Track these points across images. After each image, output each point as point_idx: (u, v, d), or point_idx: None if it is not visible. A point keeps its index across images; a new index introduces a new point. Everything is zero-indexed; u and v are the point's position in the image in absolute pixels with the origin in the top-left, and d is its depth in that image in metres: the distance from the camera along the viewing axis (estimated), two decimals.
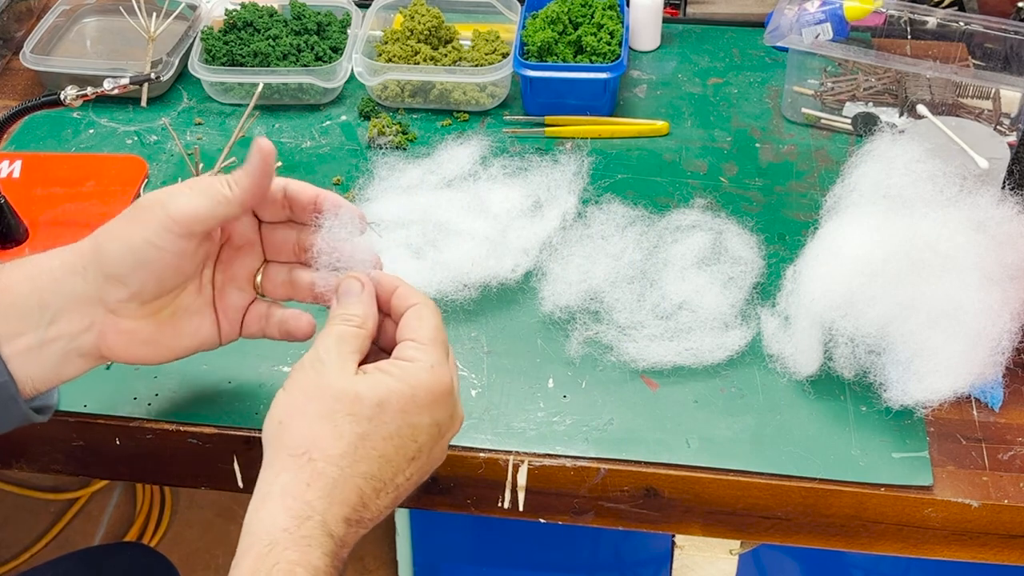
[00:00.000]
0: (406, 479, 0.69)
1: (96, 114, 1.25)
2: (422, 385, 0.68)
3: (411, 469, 0.69)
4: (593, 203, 1.09)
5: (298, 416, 0.67)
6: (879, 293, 0.87)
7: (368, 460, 0.67)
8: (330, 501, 0.65)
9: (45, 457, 0.95)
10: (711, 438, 0.88)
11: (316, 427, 0.66)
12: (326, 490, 0.65)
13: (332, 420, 0.66)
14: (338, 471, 0.66)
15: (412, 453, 0.69)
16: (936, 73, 1.15)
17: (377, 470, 0.67)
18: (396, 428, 0.67)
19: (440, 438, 0.71)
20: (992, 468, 0.86)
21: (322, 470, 0.66)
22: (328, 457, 0.66)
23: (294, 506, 0.65)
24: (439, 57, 1.25)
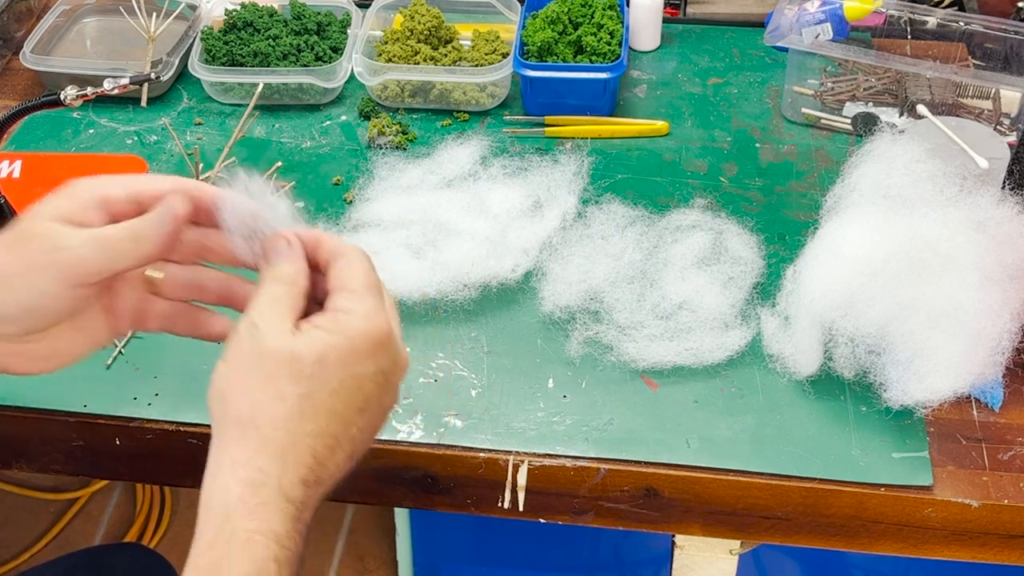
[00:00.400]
0: (359, 431, 0.68)
1: (96, 114, 1.25)
2: (359, 334, 0.66)
3: (362, 421, 0.68)
4: (593, 203, 1.09)
5: (239, 385, 0.65)
6: (879, 293, 0.87)
7: (316, 418, 0.65)
8: (283, 465, 0.64)
9: (45, 457, 0.95)
10: (711, 438, 0.88)
11: (258, 394, 0.65)
12: (276, 454, 0.64)
13: (273, 384, 0.65)
14: (286, 434, 0.64)
15: (360, 404, 0.67)
16: (936, 73, 1.15)
17: (327, 426, 0.66)
18: (340, 382, 0.66)
19: (387, 384, 0.69)
20: (992, 468, 0.86)
21: (269, 435, 0.64)
22: (274, 421, 0.64)
23: (246, 474, 0.63)
24: (439, 57, 1.25)
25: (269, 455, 0.64)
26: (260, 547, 0.61)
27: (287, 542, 0.62)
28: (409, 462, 0.89)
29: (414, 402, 0.91)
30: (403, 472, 0.90)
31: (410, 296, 0.98)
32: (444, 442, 0.89)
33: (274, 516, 0.62)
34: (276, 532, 0.62)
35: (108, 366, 0.95)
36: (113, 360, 0.95)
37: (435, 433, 0.89)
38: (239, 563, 0.61)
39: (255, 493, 0.63)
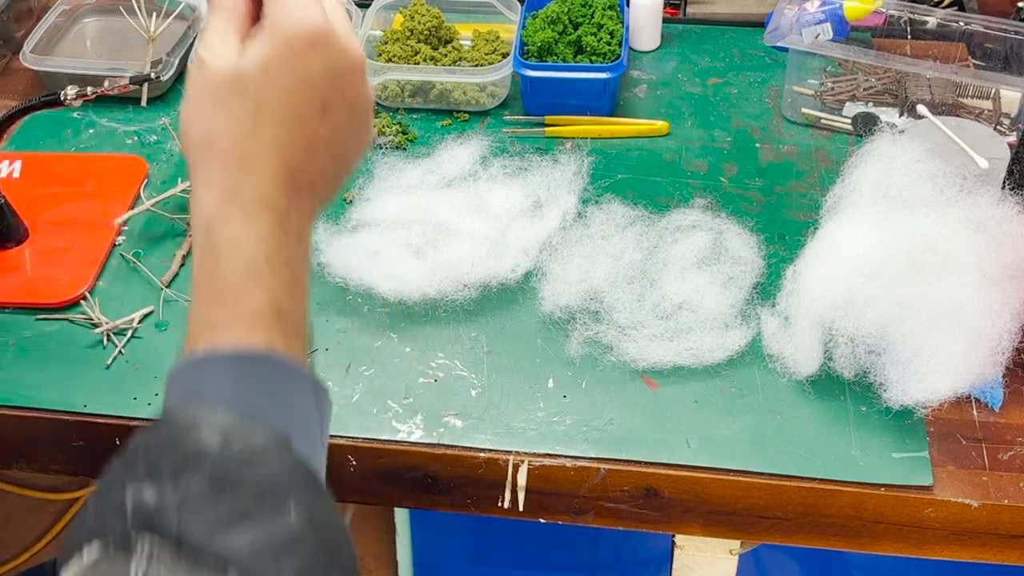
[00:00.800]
0: (332, 134, 0.68)
1: (96, 114, 1.25)
2: (294, 36, 0.66)
3: (330, 121, 0.68)
4: (593, 203, 1.09)
5: (196, 117, 0.67)
6: (879, 293, 0.87)
7: (274, 125, 0.66)
8: (250, 174, 0.65)
9: (45, 457, 0.95)
10: (711, 438, 0.88)
11: (213, 119, 0.66)
12: (241, 167, 0.65)
13: (224, 106, 0.66)
14: (246, 147, 0.65)
15: (318, 103, 0.67)
16: (936, 73, 1.15)
17: (289, 131, 0.66)
18: (286, 85, 0.66)
19: (342, 78, 0.68)
20: (992, 468, 0.86)
21: (230, 151, 0.65)
22: (232, 139, 0.65)
23: (219, 190, 0.64)
24: (439, 57, 1.25)
25: (235, 169, 0.65)
26: (244, 248, 0.62)
27: (273, 242, 0.63)
28: (409, 462, 0.89)
29: (414, 402, 0.92)
30: (403, 472, 0.90)
31: (410, 296, 0.98)
32: (444, 442, 0.89)
33: (252, 219, 0.63)
34: (260, 234, 0.63)
35: (108, 366, 0.95)
36: (113, 360, 0.95)
37: (435, 433, 0.89)
38: (228, 264, 0.62)
39: (228, 202, 0.64)
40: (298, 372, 0.63)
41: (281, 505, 0.55)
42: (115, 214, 1.08)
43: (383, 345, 0.96)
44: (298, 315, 0.65)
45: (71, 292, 1.01)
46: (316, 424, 0.64)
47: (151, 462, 0.56)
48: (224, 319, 0.62)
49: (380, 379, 0.94)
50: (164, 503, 0.54)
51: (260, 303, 0.62)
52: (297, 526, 0.55)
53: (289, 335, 0.63)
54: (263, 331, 0.62)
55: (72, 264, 1.04)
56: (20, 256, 1.05)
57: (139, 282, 1.03)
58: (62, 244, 1.06)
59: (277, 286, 0.63)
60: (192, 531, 0.53)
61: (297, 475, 0.57)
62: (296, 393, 0.62)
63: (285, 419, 0.61)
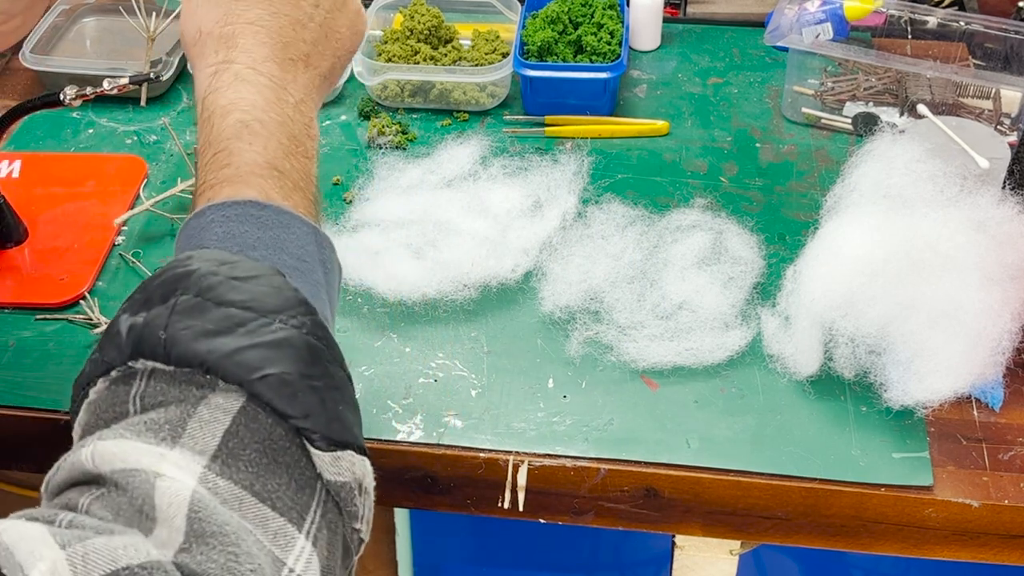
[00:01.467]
0: (314, 5, 0.72)
1: (96, 114, 1.25)
2: None
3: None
4: (593, 203, 1.09)
5: (188, 18, 0.71)
6: (879, 293, 0.87)
7: (256, 5, 0.69)
8: (239, 50, 0.68)
9: (45, 457, 0.95)
10: (711, 438, 0.88)
11: (201, 12, 0.70)
12: (228, 41, 0.68)
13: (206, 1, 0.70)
14: (232, 24, 0.69)
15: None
16: (936, 73, 1.15)
17: (271, 7, 0.70)
18: None
19: None
20: (992, 468, 0.86)
21: (218, 31, 0.69)
22: (218, 21, 0.69)
23: (209, 69, 0.68)
24: (439, 57, 1.25)
25: (222, 45, 0.68)
26: (235, 113, 0.65)
27: (266, 106, 0.66)
28: (409, 462, 0.89)
29: (414, 402, 0.91)
30: (403, 472, 0.90)
31: (410, 296, 0.98)
32: (444, 442, 0.89)
33: (242, 86, 0.66)
34: (251, 99, 0.66)
35: None
36: None
37: (435, 433, 0.89)
38: (220, 129, 0.65)
39: (219, 77, 0.67)
40: (296, 218, 0.63)
41: (267, 320, 0.55)
42: (115, 214, 1.08)
43: (383, 345, 0.96)
44: (297, 176, 0.66)
45: (70, 292, 1.01)
46: (317, 268, 0.64)
47: (146, 295, 0.57)
48: (220, 177, 0.63)
49: (380, 379, 0.93)
50: (152, 319, 0.55)
51: (254, 159, 0.64)
52: (283, 338, 0.55)
53: (287, 190, 0.64)
54: (257, 183, 0.63)
55: (72, 264, 1.04)
56: (19, 256, 1.05)
57: (139, 282, 1.03)
58: (62, 244, 1.06)
59: (272, 146, 0.65)
60: (178, 341, 0.53)
61: (287, 298, 0.57)
62: (293, 237, 0.63)
63: (279, 259, 0.62)
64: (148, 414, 0.52)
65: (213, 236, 0.61)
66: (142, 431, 0.51)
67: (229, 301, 0.55)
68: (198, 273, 0.56)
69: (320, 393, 0.55)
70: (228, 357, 0.53)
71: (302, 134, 0.68)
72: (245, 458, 0.52)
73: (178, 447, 0.51)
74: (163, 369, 0.54)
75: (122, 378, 0.55)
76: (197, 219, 0.62)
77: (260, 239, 0.61)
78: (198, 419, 0.52)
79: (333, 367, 0.57)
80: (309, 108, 0.70)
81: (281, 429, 0.53)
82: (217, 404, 0.53)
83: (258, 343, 0.54)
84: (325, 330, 0.58)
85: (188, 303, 0.55)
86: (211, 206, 0.62)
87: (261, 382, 0.53)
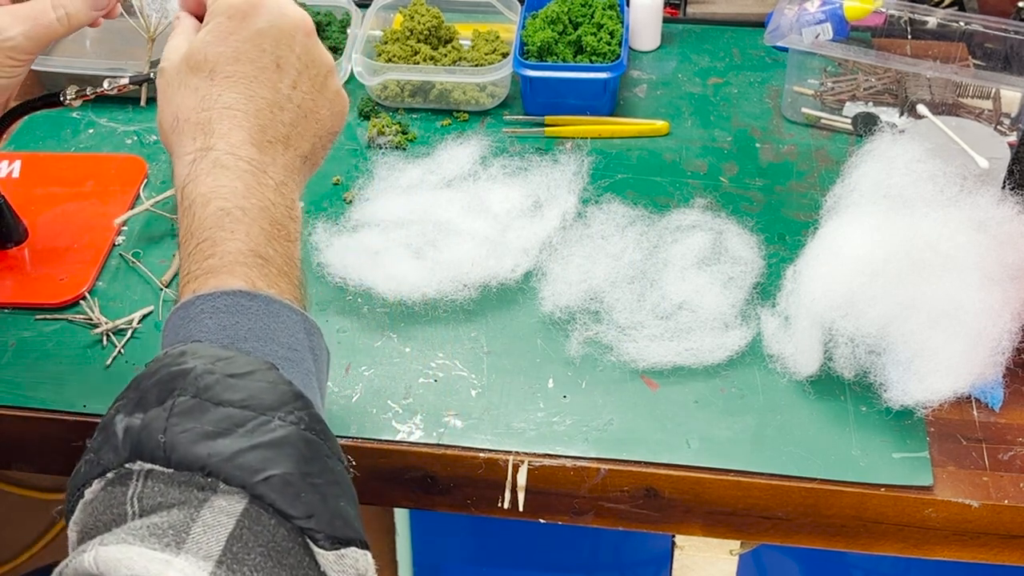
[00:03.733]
0: (294, 89, 0.72)
1: (96, 114, 1.25)
2: (225, 10, 0.71)
3: (288, 76, 0.72)
4: (593, 203, 1.09)
5: (164, 107, 0.72)
6: (879, 293, 0.87)
7: (231, 86, 0.70)
8: (216, 136, 0.68)
9: (45, 457, 0.95)
10: (711, 438, 0.88)
11: (177, 101, 0.71)
12: (205, 128, 0.68)
13: (184, 86, 0.71)
14: (208, 111, 0.69)
15: (270, 60, 0.71)
16: (936, 73, 1.15)
17: (248, 89, 0.70)
18: (235, 49, 0.70)
19: (287, 37, 0.72)
20: (992, 468, 0.86)
21: (195, 119, 0.69)
22: (194, 108, 0.69)
23: (188, 157, 0.68)
24: (439, 57, 1.25)
25: (200, 133, 0.68)
26: (216, 201, 0.65)
27: (246, 192, 0.66)
28: (409, 462, 0.89)
29: (414, 402, 0.91)
30: (403, 472, 0.90)
31: (410, 296, 0.98)
32: (444, 442, 0.89)
33: (222, 174, 0.66)
34: (230, 186, 0.66)
35: (108, 366, 0.95)
36: (112, 360, 0.95)
37: (435, 433, 0.89)
38: (201, 219, 0.65)
39: (198, 164, 0.67)
40: (284, 307, 0.64)
41: (266, 418, 0.55)
42: (115, 214, 1.08)
43: (383, 345, 0.96)
44: (281, 261, 0.66)
45: (70, 292, 1.01)
46: (307, 356, 0.64)
47: (141, 394, 0.57)
48: (205, 268, 0.64)
49: (380, 379, 0.93)
50: (150, 421, 0.55)
51: (237, 248, 0.64)
52: (282, 436, 0.55)
53: (272, 276, 0.65)
54: (242, 272, 0.63)
55: (72, 264, 1.04)
56: (19, 256, 1.05)
57: (138, 282, 1.03)
58: (62, 244, 1.06)
59: (254, 232, 0.65)
60: (178, 445, 0.54)
61: (283, 393, 0.58)
62: (283, 326, 0.63)
63: (271, 350, 0.62)
64: (150, 518, 0.52)
65: (204, 328, 0.61)
66: (145, 536, 0.51)
67: (227, 401, 0.56)
68: (195, 372, 0.57)
69: (321, 490, 0.55)
70: (229, 460, 0.53)
71: (284, 217, 0.68)
72: (250, 562, 0.52)
73: (183, 553, 0.51)
74: (161, 471, 0.54)
75: (118, 479, 0.55)
76: (185, 309, 0.62)
77: (251, 330, 0.62)
78: (202, 523, 0.52)
79: (332, 461, 0.58)
80: (290, 190, 0.70)
81: (284, 530, 0.54)
82: (220, 507, 0.53)
83: (258, 443, 0.54)
84: (321, 423, 0.58)
85: (186, 404, 0.55)
86: (200, 296, 0.62)
87: (264, 484, 0.53)
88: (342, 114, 0.77)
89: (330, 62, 0.76)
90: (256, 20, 0.71)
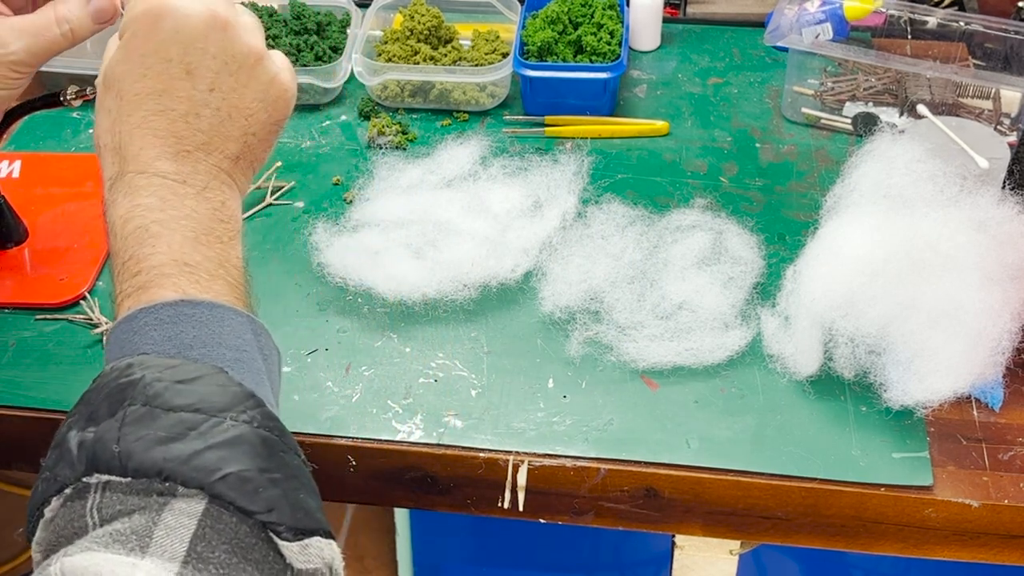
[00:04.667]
0: (211, 91, 0.70)
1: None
2: (135, 17, 0.70)
3: (203, 80, 0.70)
4: (593, 203, 1.09)
5: (94, 131, 0.71)
6: (879, 293, 0.87)
7: (138, 105, 0.69)
8: (125, 157, 0.68)
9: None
10: (711, 438, 0.88)
11: (96, 124, 0.70)
12: (117, 152, 0.68)
13: (101, 108, 0.70)
14: (119, 134, 0.68)
15: (179, 69, 0.69)
16: (936, 73, 1.15)
17: (156, 105, 0.69)
18: (140, 65, 0.69)
19: (196, 39, 0.70)
20: (992, 468, 0.86)
21: (109, 143, 0.69)
22: (107, 131, 0.69)
23: (107, 180, 0.68)
24: (439, 57, 1.25)
25: (113, 157, 0.68)
26: (133, 221, 0.65)
27: (162, 206, 0.66)
28: (409, 462, 0.89)
29: (414, 402, 0.91)
30: (403, 472, 0.90)
31: (410, 296, 0.98)
32: (444, 442, 0.89)
33: (135, 194, 0.66)
34: (145, 204, 0.66)
35: None
36: None
37: (435, 433, 0.89)
38: (122, 240, 0.66)
39: (113, 189, 0.68)
40: (227, 310, 0.64)
41: (218, 419, 0.56)
42: None
43: (383, 345, 0.96)
44: (212, 265, 0.66)
45: (70, 292, 1.01)
46: (257, 357, 0.64)
47: (92, 408, 0.57)
48: (135, 284, 0.64)
49: (380, 379, 0.93)
50: (103, 433, 0.55)
51: (160, 261, 0.64)
52: (235, 435, 0.55)
53: (203, 282, 0.65)
54: (171, 283, 0.63)
55: (72, 264, 1.04)
56: (19, 256, 1.05)
57: None
58: (62, 244, 1.06)
59: (175, 241, 0.65)
60: (133, 453, 0.54)
61: (234, 394, 0.58)
62: (228, 330, 0.63)
63: (218, 354, 0.62)
64: (112, 525, 0.53)
65: (149, 340, 0.61)
66: (109, 543, 0.51)
67: (178, 406, 0.56)
68: (143, 381, 0.57)
69: (280, 485, 0.56)
70: (185, 463, 0.54)
71: (211, 221, 0.67)
72: (215, 560, 0.52)
73: (148, 556, 0.51)
74: (118, 480, 0.54)
75: (76, 494, 0.55)
76: (128, 323, 0.62)
77: (197, 337, 0.62)
78: (164, 526, 0.52)
79: (289, 455, 0.58)
80: (218, 193, 0.69)
81: (246, 526, 0.54)
82: (180, 509, 0.53)
83: (212, 444, 0.55)
84: (275, 420, 0.59)
85: (137, 413, 0.55)
86: (142, 309, 0.62)
87: (221, 482, 0.54)
88: (281, 100, 0.74)
89: (257, 51, 0.72)
90: (159, 31, 0.69)
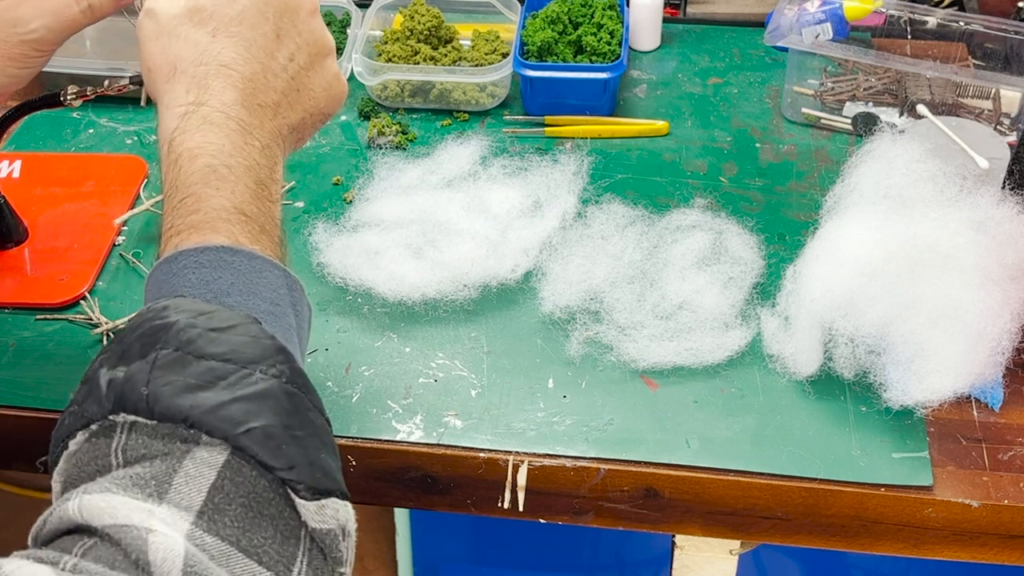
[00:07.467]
0: (290, 60, 0.72)
1: (96, 114, 1.25)
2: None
3: (286, 47, 0.72)
4: (593, 203, 1.09)
5: (157, 53, 0.71)
6: (879, 293, 0.87)
7: (231, 46, 0.70)
8: (209, 92, 0.68)
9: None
10: (711, 438, 0.88)
11: (175, 50, 0.70)
12: (201, 83, 0.68)
13: (185, 36, 0.70)
14: (207, 66, 0.69)
15: (271, 28, 0.71)
16: (936, 73, 1.15)
17: (247, 51, 0.70)
18: (239, 11, 0.70)
19: (290, 10, 0.73)
20: (992, 468, 0.86)
21: (192, 71, 0.69)
22: (193, 61, 0.69)
23: (179, 109, 0.68)
24: (439, 57, 1.25)
25: (195, 87, 0.68)
26: (203, 157, 0.65)
27: (233, 151, 0.66)
28: (409, 462, 0.89)
29: (414, 402, 0.91)
30: (403, 472, 0.90)
31: (410, 296, 0.98)
32: (444, 442, 0.89)
33: (211, 130, 0.66)
34: (218, 143, 0.66)
35: None
36: None
37: (435, 433, 0.89)
38: (187, 174, 0.65)
39: (188, 119, 0.67)
40: (266, 262, 0.64)
41: (248, 371, 0.56)
42: (115, 214, 1.08)
43: (383, 345, 0.96)
44: (264, 220, 0.66)
45: (71, 292, 1.01)
46: (289, 312, 0.65)
47: (124, 347, 0.57)
48: (189, 223, 0.64)
49: (380, 379, 0.93)
50: (133, 374, 0.55)
51: (221, 205, 0.64)
52: (263, 389, 0.55)
53: (255, 233, 0.65)
54: (226, 228, 0.64)
55: (72, 264, 1.04)
56: (20, 256, 1.05)
57: (139, 282, 1.03)
58: (62, 244, 1.06)
59: (239, 190, 0.65)
60: (161, 397, 0.54)
61: (265, 347, 0.58)
62: (265, 282, 0.63)
63: (253, 304, 0.62)
64: (133, 468, 0.53)
65: (187, 283, 0.61)
66: (128, 486, 0.52)
67: (209, 354, 0.56)
68: (177, 326, 0.57)
69: (302, 443, 0.56)
70: (212, 412, 0.54)
71: (268, 178, 0.68)
72: (231, 513, 0.52)
73: (165, 503, 0.51)
74: (144, 423, 0.54)
75: (102, 431, 0.55)
76: (168, 264, 0.63)
77: (234, 285, 0.62)
78: (184, 474, 0.53)
79: (313, 414, 0.58)
80: (275, 153, 0.70)
81: (265, 481, 0.54)
82: (202, 458, 0.53)
83: (240, 396, 0.55)
84: (303, 376, 0.59)
85: (168, 357, 0.55)
86: (183, 251, 0.62)
87: (246, 435, 0.54)
88: (338, 98, 0.77)
89: (330, 44, 0.76)
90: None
